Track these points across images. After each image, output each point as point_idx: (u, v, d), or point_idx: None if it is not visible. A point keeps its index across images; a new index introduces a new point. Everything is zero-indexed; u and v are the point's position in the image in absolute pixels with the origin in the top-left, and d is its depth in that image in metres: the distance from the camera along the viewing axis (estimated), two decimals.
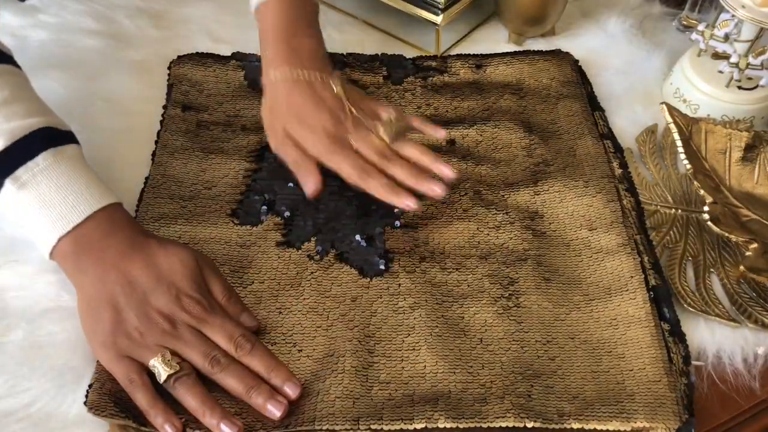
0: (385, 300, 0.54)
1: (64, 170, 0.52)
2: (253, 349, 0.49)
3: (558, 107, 0.69)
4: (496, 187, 0.62)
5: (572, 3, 0.80)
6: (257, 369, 0.49)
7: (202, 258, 0.54)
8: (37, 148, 0.52)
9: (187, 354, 0.48)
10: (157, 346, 0.48)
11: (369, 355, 0.51)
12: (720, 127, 0.64)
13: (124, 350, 0.48)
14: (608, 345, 0.52)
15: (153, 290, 0.50)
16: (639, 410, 0.48)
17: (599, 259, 0.57)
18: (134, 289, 0.50)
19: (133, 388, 0.48)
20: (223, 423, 0.46)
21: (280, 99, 0.60)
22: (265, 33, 0.63)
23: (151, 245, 0.52)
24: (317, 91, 0.59)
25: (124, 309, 0.49)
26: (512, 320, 0.53)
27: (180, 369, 0.48)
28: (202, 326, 0.49)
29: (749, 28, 0.64)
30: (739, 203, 0.60)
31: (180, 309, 0.49)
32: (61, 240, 0.50)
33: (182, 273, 0.51)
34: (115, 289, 0.50)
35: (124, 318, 0.49)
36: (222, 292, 0.52)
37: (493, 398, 0.49)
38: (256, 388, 0.48)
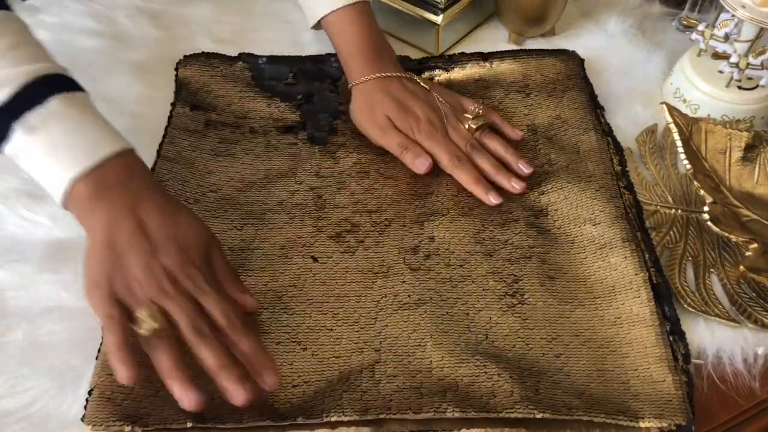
0: (390, 297, 0.54)
1: (76, 115, 0.51)
2: (244, 329, 0.48)
3: (564, 100, 0.69)
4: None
5: (572, 3, 0.80)
6: (244, 349, 0.47)
7: (213, 236, 0.53)
8: (47, 92, 0.50)
9: (177, 315, 0.47)
10: (149, 300, 0.47)
11: (375, 352, 0.51)
12: (720, 127, 0.64)
13: (115, 293, 0.47)
14: (613, 344, 0.52)
15: (164, 246, 0.48)
16: (645, 409, 0.48)
17: (603, 255, 0.57)
18: (145, 239, 0.48)
19: (111, 324, 0.46)
20: (188, 388, 0.45)
21: (378, 93, 0.64)
22: (345, 43, 0.67)
23: (171, 202, 0.51)
24: (409, 86, 0.65)
25: (129, 254, 0.48)
26: (517, 317, 0.53)
27: (163, 327, 0.46)
28: (200, 296, 0.48)
29: (749, 28, 0.64)
30: (739, 203, 0.60)
31: (184, 274, 0.48)
32: (75, 183, 0.49)
33: (195, 242, 0.50)
34: (125, 233, 0.48)
35: (125, 263, 0.48)
36: (226, 271, 0.52)
37: (501, 391, 0.49)
38: (229, 367, 0.46)
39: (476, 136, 0.64)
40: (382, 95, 0.64)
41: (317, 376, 0.50)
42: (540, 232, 0.59)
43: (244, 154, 0.64)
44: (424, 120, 0.63)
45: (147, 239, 0.48)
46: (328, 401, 0.48)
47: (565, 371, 0.50)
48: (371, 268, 0.56)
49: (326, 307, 0.54)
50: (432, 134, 0.63)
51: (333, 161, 0.64)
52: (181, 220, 0.50)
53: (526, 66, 0.72)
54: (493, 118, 0.66)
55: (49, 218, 0.59)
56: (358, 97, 0.66)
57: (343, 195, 0.61)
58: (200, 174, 0.62)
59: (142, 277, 0.47)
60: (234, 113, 0.67)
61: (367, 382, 0.49)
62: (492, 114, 0.66)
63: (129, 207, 0.49)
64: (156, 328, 0.46)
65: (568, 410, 0.48)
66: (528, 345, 0.52)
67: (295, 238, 0.58)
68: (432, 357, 0.51)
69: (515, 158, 0.63)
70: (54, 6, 0.76)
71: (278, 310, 0.54)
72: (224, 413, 0.48)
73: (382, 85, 0.65)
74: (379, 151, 0.65)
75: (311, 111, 0.68)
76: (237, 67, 0.71)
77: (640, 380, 0.50)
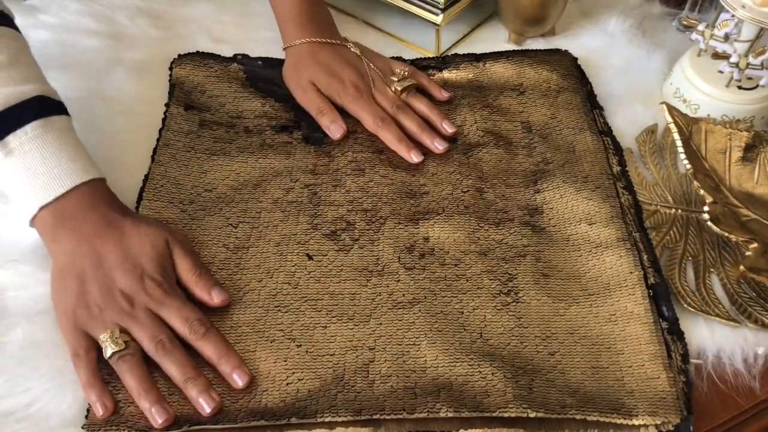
0: (385, 296, 0.54)
1: (52, 141, 0.53)
2: (207, 334, 0.50)
3: (558, 100, 0.69)
4: (497, 184, 0.62)
5: (572, 3, 0.80)
6: (208, 354, 0.49)
7: (174, 237, 0.54)
8: (28, 117, 0.53)
9: (137, 334, 0.49)
10: (110, 323, 0.49)
11: (370, 351, 0.51)
12: (720, 127, 0.64)
13: (81, 323, 0.50)
14: (607, 341, 0.52)
15: (118, 268, 0.51)
16: (639, 405, 0.48)
17: (598, 254, 0.57)
18: (102, 265, 0.51)
19: (77, 362, 0.49)
20: (155, 407, 0.47)
21: (307, 58, 0.67)
22: (282, 7, 0.70)
23: (126, 225, 0.53)
24: (340, 52, 0.68)
25: (89, 282, 0.50)
26: (511, 316, 0.53)
27: (125, 347, 0.48)
28: (160, 309, 0.50)
29: (749, 28, 0.64)
30: (739, 203, 0.60)
31: (141, 290, 0.50)
32: (42, 209, 0.52)
33: (150, 255, 0.52)
34: (85, 262, 0.51)
35: (87, 290, 0.50)
36: (191, 269, 0.53)
37: (494, 390, 0.49)
38: (193, 379, 0.48)
39: (403, 97, 0.67)
40: (310, 60, 0.67)
41: (311, 373, 0.50)
42: (535, 231, 0.59)
43: (239, 153, 0.64)
44: (350, 84, 0.66)
45: (104, 267, 0.51)
46: (322, 401, 0.48)
47: (559, 369, 0.50)
48: (366, 267, 0.56)
49: (321, 304, 0.54)
50: (357, 98, 0.65)
51: (328, 159, 0.64)
52: (135, 240, 0.52)
53: (520, 66, 0.72)
54: (421, 79, 0.69)
55: None
56: (289, 59, 0.69)
57: (338, 193, 0.61)
58: (195, 174, 0.62)
59: (102, 302, 0.50)
60: (228, 113, 0.67)
61: (361, 382, 0.49)
62: (419, 76, 0.69)
63: (87, 236, 0.52)
64: (116, 350, 0.48)
65: (562, 409, 0.48)
66: (522, 343, 0.52)
67: (290, 236, 0.58)
68: (426, 356, 0.51)
69: (440, 118, 0.66)
70: (54, 6, 0.76)
71: (273, 308, 0.54)
72: (219, 414, 0.48)
73: (313, 49, 0.68)
74: (374, 150, 0.65)
75: (305, 111, 0.68)
76: (232, 68, 0.71)
77: (635, 377, 0.50)
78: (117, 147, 0.64)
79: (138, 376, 0.48)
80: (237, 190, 0.61)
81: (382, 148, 0.65)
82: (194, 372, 0.49)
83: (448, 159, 0.64)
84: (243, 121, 0.67)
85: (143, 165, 0.63)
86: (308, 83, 0.67)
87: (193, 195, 0.60)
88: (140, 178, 0.61)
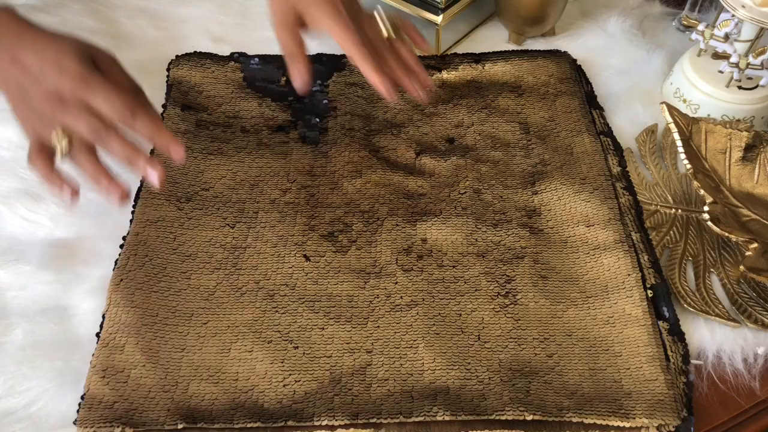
0: (382, 298, 0.54)
1: None
2: (135, 114, 0.51)
3: (556, 104, 0.69)
4: (495, 185, 0.62)
5: (572, 3, 0.80)
6: (142, 134, 0.51)
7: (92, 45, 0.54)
8: None
9: (75, 126, 0.50)
10: (51, 125, 0.51)
11: (367, 354, 0.51)
12: (720, 127, 0.64)
13: (38, 130, 0.52)
14: (605, 343, 0.52)
15: (44, 75, 0.51)
16: (637, 407, 0.48)
17: (596, 256, 0.57)
18: (29, 79, 0.52)
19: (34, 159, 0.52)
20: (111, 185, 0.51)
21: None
22: None
23: (43, 35, 0.54)
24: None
25: (27, 94, 0.52)
26: (509, 317, 0.53)
27: (71, 143, 0.51)
28: (88, 99, 0.51)
29: (749, 28, 0.64)
30: (739, 203, 0.60)
31: (67, 88, 0.51)
32: None
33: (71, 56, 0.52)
34: (16, 78, 0.52)
35: (27, 102, 0.52)
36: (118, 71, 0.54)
37: (491, 394, 0.49)
38: (135, 155, 0.50)
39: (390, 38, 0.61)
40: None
41: (308, 375, 0.50)
42: (533, 233, 0.59)
43: (236, 152, 0.64)
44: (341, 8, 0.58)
45: (31, 78, 0.52)
46: (319, 404, 0.48)
47: (557, 371, 0.51)
48: (363, 268, 0.56)
49: (318, 306, 0.54)
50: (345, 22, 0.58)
51: (325, 160, 0.64)
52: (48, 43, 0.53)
53: (518, 68, 0.72)
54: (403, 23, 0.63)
55: (49, 218, 0.59)
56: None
57: (335, 194, 0.61)
58: (192, 173, 0.62)
59: (39, 110, 0.51)
60: (225, 113, 0.67)
61: (358, 385, 0.49)
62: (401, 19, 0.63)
63: (10, 59, 0.52)
64: (64, 145, 0.50)
65: (559, 411, 0.48)
66: (520, 345, 0.52)
67: (287, 237, 0.58)
68: (424, 359, 0.51)
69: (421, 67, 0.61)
70: (54, 6, 0.76)
71: (270, 309, 0.54)
72: (216, 415, 0.48)
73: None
74: (371, 150, 0.65)
75: (302, 111, 0.68)
76: (229, 67, 0.71)
77: (633, 379, 0.50)
78: None
79: (92, 162, 0.51)
80: (234, 190, 0.61)
81: (378, 148, 0.65)
82: (135, 148, 0.51)
83: (446, 160, 0.64)
84: (240, 120, 0.67)
85: None
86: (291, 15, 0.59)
87: (190, 193, 0.60)
88: (138, 179, 0.61)
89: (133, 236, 0.57)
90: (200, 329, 0.52)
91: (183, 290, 0.54)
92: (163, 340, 0.51)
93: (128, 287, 0.54)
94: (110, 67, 0.54)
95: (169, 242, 0.57)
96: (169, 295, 0.54)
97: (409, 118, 0.68)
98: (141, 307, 0.53)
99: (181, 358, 0.51)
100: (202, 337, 0.52)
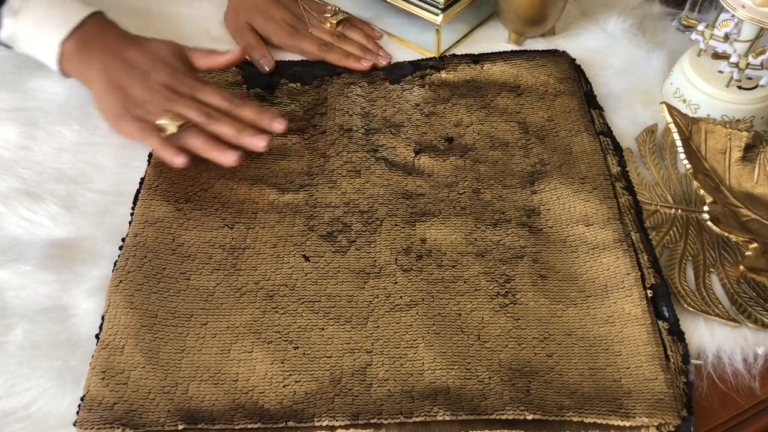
0: (382, 298, 0.54)
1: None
2: (243, 102, 0.61)
3: (555, 104, 0.69)
4: (494, 185, 0.62)
5: (572, 3, 0.80)
6: (248, 116, 0.60)
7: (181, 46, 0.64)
8: None
9: (187, 112, 0.58)
10: (162, 110, 0.58)
11: (367, 354, 0.51)
12: (720, 127, 0.64)
13: (138, 116, 0.58)
14: (605, 342, 0.52)
15: (152, 69, 0.60)
16: (637, 407, 0.48)
17: (595, 255, 0.57)
18: (135, 70, 0.60)
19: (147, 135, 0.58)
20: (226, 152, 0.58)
21: (246, 2, 0.73)
22: None
23: (141, 38, 0.63)
24: None
25: (129, 87, 0.59)
26: (509, 317, 0.53)
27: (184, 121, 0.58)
28: (197, 92, 0.60)
29: (749, 28, 0.64)
30: (739, 203, 0.60)
31: (177, 81, 0.60)
32: (63, 44, 0.61)
33: (172, 56, 0.62)
34: (119, 73, 0.60)
35: (130, 94, 0.59)
36: None
37: (491, 393, 0.49)
38: (244, 129, 0.59)
39: (339, 29, 0.74)
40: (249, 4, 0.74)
41: (308, 375, 0.50)
42: (532, 232, 0.59)
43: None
44: (285, 24, 0.72)
45: (137, 69, 0.60)
46: (319, 404, 0.48)
47: (557, 370, 0.51)
48: (363, 269, 0.56)
49: (318, 306, 0.54)
50: (293, 34, 0.72)
51: (323, 160, 0.64)
52: (153, 46, 0.62)
53: (518, 68, 0.72)
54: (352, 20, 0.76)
55: (49, 218, 0.59)
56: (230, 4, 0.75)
57: (334, 194, 0.61)
58: (191, 173, 0.62)
59: (148, 96, 0.59)
60: None
61: (358, 385, 0.49)
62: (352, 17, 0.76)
63: (112, 52, 0.61)
64: (179, 124, 0.58)
65: (560, 410, 0.48)
66: (520, 345, 0.52)
67: (286, 237, 0.58)
68: (424, 359, 0.51)
69: (376, 46, 0.73)
70: None
71: (270, 309, 0.54)
72: (216, 415, 0.48)
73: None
74: (370, 150, 0.65)
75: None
76: (229, 72, 0.71)
77: (632, 378, 0.50)
78: (115, 148, 0.64)
79: (203, 137, 0.58)
80: (233, 190, 0.61)
81: (377, 147, 0.65)
82: (242, 125, 0.60)
83: (445, 159, 0.64)
84: None
85: (141, 166, 0.63)
86: (244, 24, 0.73)
87: (189, 194, 0.60)
88: (137, 180, 0.62)
89: (132, 237, 0.57)
90: (200, 330, 0.52)
91: (182, 291, 0.54)
92: (163, 341, 0.51)
93: (127, 288, 0.54)
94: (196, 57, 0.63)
95: (168, 243, 0.57)
96: (169, 296, 0.54)
97: (408, 117, 0.68)
98: (140, 309, 0.53)
99: (180, 359, 0.51)
100: (202, 337, 0.52)
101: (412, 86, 0.70)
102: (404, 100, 0.69)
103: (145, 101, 0.59)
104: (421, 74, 0.71)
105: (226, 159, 0.58)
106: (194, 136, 0.58)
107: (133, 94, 0.59)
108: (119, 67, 0.60)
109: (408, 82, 0.71)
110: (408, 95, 0.70)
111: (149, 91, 0.59)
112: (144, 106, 0.58)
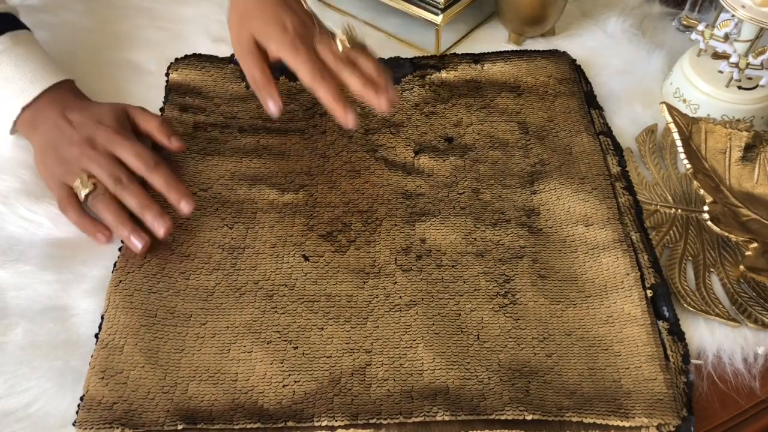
0: (381, 298, 0.54)
1: (23, 52, 0.61)
2: (157, 166, 0.57)
3: (555, 104, 0.69)
4: (493, 185, 0.62)
5: (572, 3, 0.80)
6: (158, 186, 0.57)
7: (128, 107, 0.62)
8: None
9: (98, 173, 0.56)
10: (78, 170, 0.57)
11: (366, 354, 0.51)
12: (720, 127, 0.64)
13: (60, 177, 0.58)
14: (604, 342, 0.52)
15: (82, 125, 0.59)
16: (636, 407, 0.48)
17: (595, 256, 0.57)
18: (68, 127, 0.59)
19: (64, 207, 0.57)
20: (132, 234, 0.55)
21: (251, 4, 0.61)
22: None
23: (93, 102, 0.62)
24: (288, 2, 0.62)
25: (60, 145, 0.58)
26: (508, 317, 0.53)
27: (95, 188, 0.56)
28: (115, 147, 0.58)
29: (749, 28, 0.64)
30: (739, 203, 0.60)
31: (98, 133, 0.58)
32: (24, 109, 0.60)
33: (108, 113, 0.60)
34: (55, 132, 0.59)
35: (60, 153, 0.58)
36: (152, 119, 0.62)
37: (491, 394, 0.49)
38: (148, 207, 0.56)
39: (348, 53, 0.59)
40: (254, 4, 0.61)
41: (307, 375, 0.50)
42: (532, 232, 0.59)
43: (234, 153, 0.64)
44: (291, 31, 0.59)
45: (71, 127, 0.59)
46: (319, 404, 0.48)
47: (556, 370, 0.50)
48: (362, 269, 0.56)
49: (317, 306, 0.54)
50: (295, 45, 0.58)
51: (323, 160, 0.64)
52: (95, 106, 0.61)
53: (518, 68, 0.72)
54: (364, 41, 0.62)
55: (49, 218, 0.59)
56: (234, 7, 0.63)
57: (334, 194, 0.61)
58: (190, 173, 0.62)
59: (70, 155, 0.58)
60: (223, 113, 0.67)
61: (357, 385, 0.49)
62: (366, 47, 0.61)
63: (59, 114, 0.60)
64: (88, 191, 0.56)
65: (559, 411, 0.48)
66: (519, 345, 0.52)
67: (286, 237, 0.58)
68: (423, 359, 0.51)
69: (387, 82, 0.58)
70: (54, 6, 0.76)
71: (269, 309, 0.54)
72: (215, 415, 0.48)
73: None
74: (369, 150, 0.65)
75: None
76: (228, 69, 0.71)
77: (632, 378, 0.50)
78: None
79: (113, 211, 0.56)
80: (232, 190, 0.61)
81: (376, 147, 0.65)
82: (149, 200, 0.56)
83: (445, 159, 0.64)
84: (238, 121, 0.67)
85: None
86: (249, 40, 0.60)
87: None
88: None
89: None
90: (199, 330, 0.52)
91: (182, 291, 0.54)
92: (162, 341, 0.51)
93: (127, 288, 0.54)
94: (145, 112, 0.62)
95: (168, 243, 0.57)
96: (168, 295, 0.54)
97: (408, 117, 0.68)
98: (140, 308, 0.53)
99: (180, 358, 0.51)
100: (201, 337, 0.52)
101: (412, 86, 0.70)
102: (404, 99, 0.69)
103: (68, 159, 0.57)
104: (421, 74, 0.71)
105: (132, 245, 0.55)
106: (105, 206, 0.56)
107: (62, 153, 0.58)
108: (57, 125, 0.59)
109: (408, 82, 0.71)
110: (408, 95, 0.70)
111: (73, 146, 0.58)
112: (65, 166, 0.57)
